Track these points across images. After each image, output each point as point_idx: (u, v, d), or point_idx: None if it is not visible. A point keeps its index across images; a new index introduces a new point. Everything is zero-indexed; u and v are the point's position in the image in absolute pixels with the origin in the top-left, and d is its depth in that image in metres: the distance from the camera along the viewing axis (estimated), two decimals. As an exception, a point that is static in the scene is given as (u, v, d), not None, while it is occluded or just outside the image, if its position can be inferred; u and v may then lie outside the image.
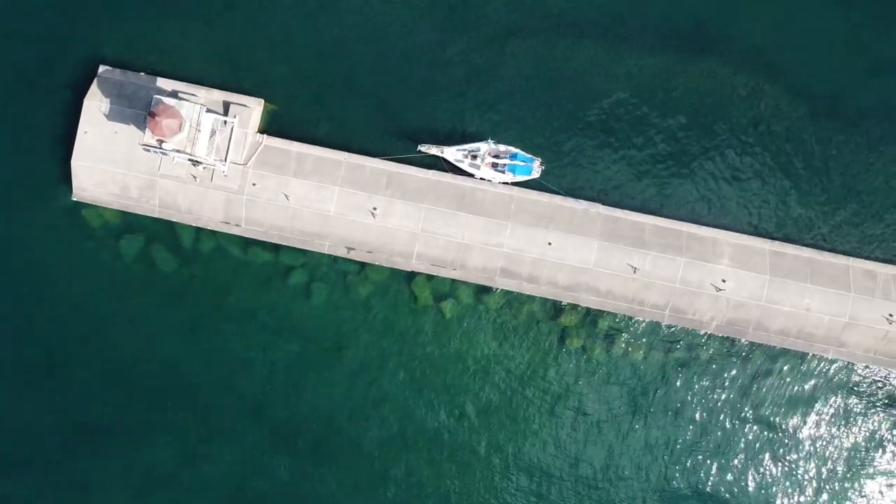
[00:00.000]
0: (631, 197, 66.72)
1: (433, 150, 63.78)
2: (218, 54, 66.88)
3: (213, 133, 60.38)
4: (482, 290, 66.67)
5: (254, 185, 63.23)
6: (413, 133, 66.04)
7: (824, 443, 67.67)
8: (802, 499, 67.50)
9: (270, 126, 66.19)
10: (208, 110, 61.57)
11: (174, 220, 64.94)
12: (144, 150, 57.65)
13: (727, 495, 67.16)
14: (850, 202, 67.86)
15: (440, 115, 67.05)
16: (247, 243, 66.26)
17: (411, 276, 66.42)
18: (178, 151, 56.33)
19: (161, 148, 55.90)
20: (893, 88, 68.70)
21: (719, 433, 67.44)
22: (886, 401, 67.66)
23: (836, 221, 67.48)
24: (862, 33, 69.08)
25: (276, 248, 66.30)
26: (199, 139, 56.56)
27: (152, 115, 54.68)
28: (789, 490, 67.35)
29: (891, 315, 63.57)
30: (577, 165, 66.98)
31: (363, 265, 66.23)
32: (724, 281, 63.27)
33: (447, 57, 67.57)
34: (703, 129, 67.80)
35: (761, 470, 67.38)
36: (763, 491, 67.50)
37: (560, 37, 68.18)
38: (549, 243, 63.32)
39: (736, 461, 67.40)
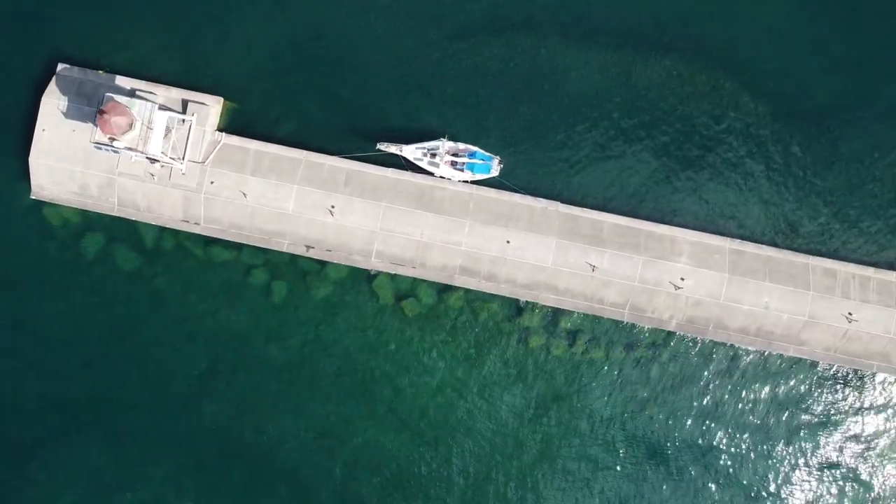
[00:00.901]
0: (590, 195, 65.74)
1: (392, 149, 62.83)
2: (179, 53, 66.04)
3: (168, 131, 59.35)
4: (444, 289, 65.73)
5: (212, 183, 62.29)
6: (373, 131, 65.16)
7: (784, 440, 66.64)
8: (764, 495, 66.39)
9: (231, 124, 65.28)
10: (163, 108, 60.58)
11: (133, 218, 64.05)
12: (95, 147, 56.66)
13: (688, 493, 66.10)
14: (810, 200, 66.88)
15: (400, 113, 66.18)
16: (208, 242, 65.37)
17: (372, 274, 65.39)
18: (130, 149, 55.34)
19: (112, 146, 54.89)
20: (854, 87, 67.73)
21: (680, 431, 66.34)
22: (847, 399, 66.60)
23: (797, 219, 66.54)
24: (823, 32, 68.08)
25: (237, 246, 65.40)
26: (151, 137, 55.51)
27: (101, 112, 53.77)
28: (749, 488, 66.30)
29: (850, 314, 62.56)
30: (536, 164, 65.96)
31: (324, 264, 65.33)
32: (682, 279, 62.29)
33: (408, 56, 66.69)
34: (663, 128, 66.85)
35: (722, 468, 66.34)
36: (726, 489, 66.44)
37: (522, 36, 67.27)
38: (508, 241, 62.37)
39: (697, 459, 66.37)
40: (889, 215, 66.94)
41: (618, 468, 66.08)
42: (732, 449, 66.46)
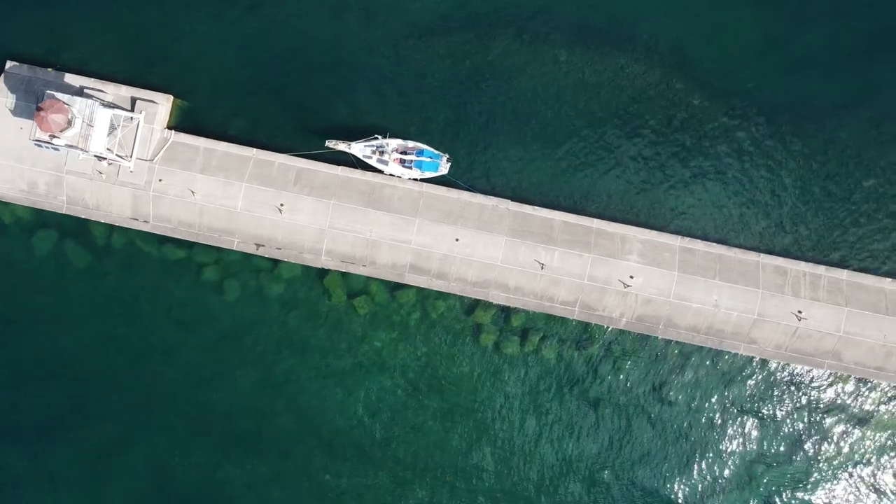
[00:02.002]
0: (542, 193, 64.68)
1: (341, 146, 61.74)
2: (130, 50, 65.03)
3: (113, 129, 58.21)
4: (397, 287, 64.65)
5: (160, 181, 61.20)
6: (325, 129, 64.17)
7: (737, 438, 65.62)
8: (714, 493, 65.34)
9: (182, 122, 64.20)
10: (109, 106, 59.45)
11: (83, 216, 62.99)
12: (36, 145, 55.51)
13: (637, 492, 65.03)
14: (762, 198, 65.86)
15: (351, 111, 65.27)
16: (160, 240, 64.32)
17: (324, 272, 64.33)
18: (70, 147, 54.16)
19: (52, 143, 53.72)
20: (805, 85, 66.66)
21: (631, 431, 65.31)
22: (799, 397, 65.52)
23: (749, 217, 65.46)
24: (775, 30, 66.98)
25: (189, 244, 64.40)
26: (93, 135, 54.33)
27: (39, 109, 52.67)
28: (701, 487, 65.23)
29: (800, 312, 61.49)
30: (487, 162, 64.97)
31: (276, 262, 64.24)
32: (631, 277, 61.20)
33: (359, 54, 65.58)
34: (616, 125, 65.77)
35: (674, 466, 65.27)
36: (675, 488, 65.38)
37: (474, 33, 66.17)
38: (457, 239, 61.27)
39: (648, 458, 65.31)
40: (841, 213, 65.89)
41: (568, 468, 64.93)
42: (684, 448, 65.36)
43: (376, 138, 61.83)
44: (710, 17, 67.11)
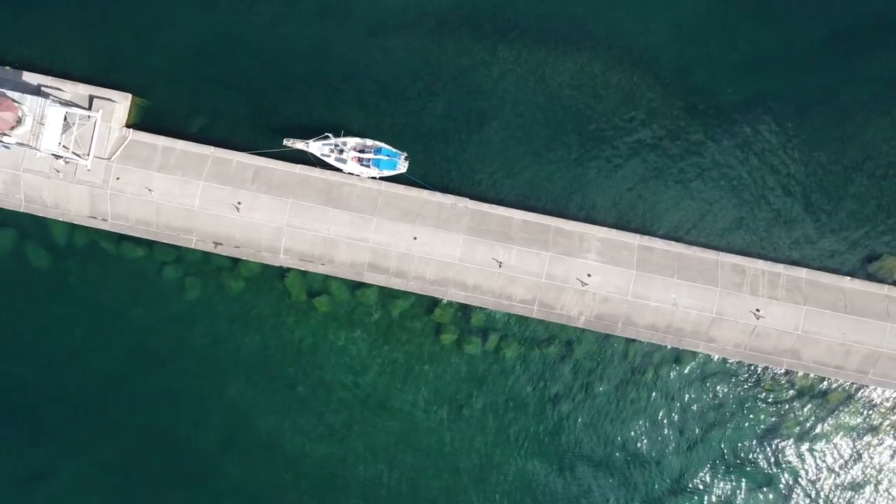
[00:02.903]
0: (501, 192, 64.00)
1: (298, 145, 61.02)
2: (90, 49, 64.55)
3: (69, 127, 57.44)
4: (357, 286, 63.90)
5: (118, 179, 60.47)
6: (285, 127, 63.57)
7: (700, 437, 64.89)
8: (675, 492, 64.55)
9: (142, 120, 63.57)
10: (66, 104, 58.73)
11: (41, 214, 62.19)
12: (-15, 143, 54.86)
13: (597, 491, 64.25)
14: (723, 196, 65.08)
15: (312, 109, 64.69)
16: (120, 238, 63.52)
17: (285, 271, 63.51)
18: (21, 145, 53.35)
19: (2, 141, 52.91)
20: (766, 83, 65.87)
21: (593, 429, 64.55)
22: (760, 395, 64.75)
23: (708, 216, 64.69)
24: (737, 29, 66.28)
25: (150, 243, 63.59)
26: (44, 133, 53.52)
27: (-14, 107, 51.85)
28: (661, 485, 64.43)
29: (758, 310, 60.67)
30: (447, 160, 64.45)
31: (237, 260, 63.43)
32: (589, 276, 60.43)
33: (319, 52, 64.90)
34: (577, 124, 65.09)
35: (635, 465, 64.50)
36: (636, 486, 64.58)
37: (436, 33, 65.56)
38: (415, 238, 60.51)
39: (610, 457, 64.57)
40: (801, 212, 65.13)
41: (528, 466, 64.11)
42: (645, 447, 64.66)
43: (328, 137, 61.02)
44: (672, 16, 66.29)
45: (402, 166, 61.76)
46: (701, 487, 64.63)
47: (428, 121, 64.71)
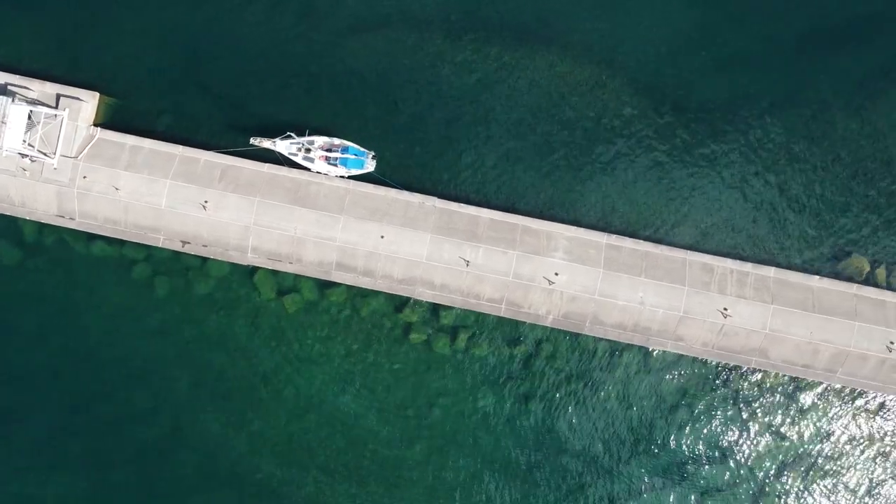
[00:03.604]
0: (470, 191, 63.57)
1: (265, 144, 60.60)
2: (58, 48, 64.05)
3: (33, 126, 57.02)
4: (326, 285, 63.45)
5: (84, 178, 60.04)
6: (254, 126, 63.10)
7: (669, 436, 64.39)
8: (645, 491, 64.09)
9: (110, 119, 63.14)
10: (29, 102, 58.30)
11: (8, 213, 61.81)
12: (-54, 141, 54.39)
13: (565, 488, 63.79)
14: (693, 196, 64.58)
15: (282, 107, 64.30)
16: (90, 237, 63.04)
17: (254, 270, 63.05)
18: (-17, 143, 53.02)
19: (-38, 140, 52.62)
20: (738, 83, 65.47)
21: (562, 428, 64.10)
22: (730, 395, 64.27)
23: (678, 215, 64.21)
24: (706, 27, 65.76)
25: (120, 242, 63.12)
26: (6, 132, 53.08)
27: (-54, 106, 51.39)
28: (631, 484, 63.96)
29: (725, 309, 60.19)
30: (415, 160, 64.07)
31: (206, 259, 62.99)
32: (556, 274, 59.95)
33: (289, 50, 64.51)
34: (545, 123, 64.67)
35: (604, 464, 64.03)
36: (604, 485, 64.12)
37: (405, 31, 65.06)
38: (382, 237, 60.04)
39: (578, 456, 64.09)
40: (771, 211, 64.77)
41: (497, 465, 63.65)
42: (614, 446, 64.20)
43: (290, 136, 60.61)
44: (642, 14, 65.82)
45: (370, 165, 61.35)
46: (670, 486, 64.16)
47: (397, 120, 64.34)
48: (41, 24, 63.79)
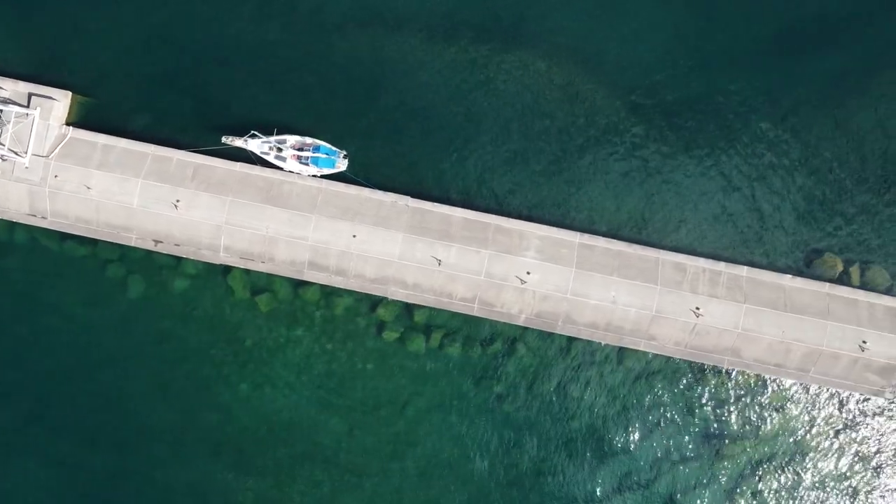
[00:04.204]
0: (443, 190, 63.27)
1: (237, 142, 60.32)
2: (30, 46, 63.64)
3: (3, 124, 56.67)
4: (300, 284, 63.13)
5: (56, 177, 59.68)
6: (228, 125, 62.95)
7: (642, 435, 64.05)
8: (619, 491, 63.77)
9: (83, 118, 62.81)
10: (0, 101, 57.86)
11: (-21, 212, 61.26)
12: (-86, 140, 54.03)
13: (539, 490, 63.45)
14: (667, 195, 64.36)
15: (255, 106, 64.00)
16: (63, 236, 62.65)
17: (228, 269, 62.67)
18: (-50, 142, 52.67)
19: (-70, 138, 52.25)
20: (711, 82, 65.21)
21: (536, 426, 63.73)
22: (704, 393, 63.98)
23: (652, 214, 63.93)
24: (679, 26, 65.49)
25: (93, 241, 62.75)
26: (-26, 130, 52.93)
27: (-88, 104, 50.99)
28: (604, 485, 63.64)
29: (697, 308, 59.90)
30: (389, 159, 63.85)
31: (179, 259, 62.55)
32: (528, 273, 59.64)
33: (263, 49, 64.26)
34: (521, 122, 64.50)
35: (577, 463, 63.67)
36: (580, 486, 63.76)
37: (378, 30, 64.67)
38: (354, 236, 59.71)
39: (552, 456, 63.73)
40: (744, 211, 64.58)
41: (471, 465, 63.30)
42: (588, 445, 63.90)
43: (256, 135, 60.30)
44: (620, 15, 65.62)
45: (342, 164, 61.09)
46: (643, 486, 63.84)
47: (372, 119, 64.16)
48: (13, 23, 63.38)
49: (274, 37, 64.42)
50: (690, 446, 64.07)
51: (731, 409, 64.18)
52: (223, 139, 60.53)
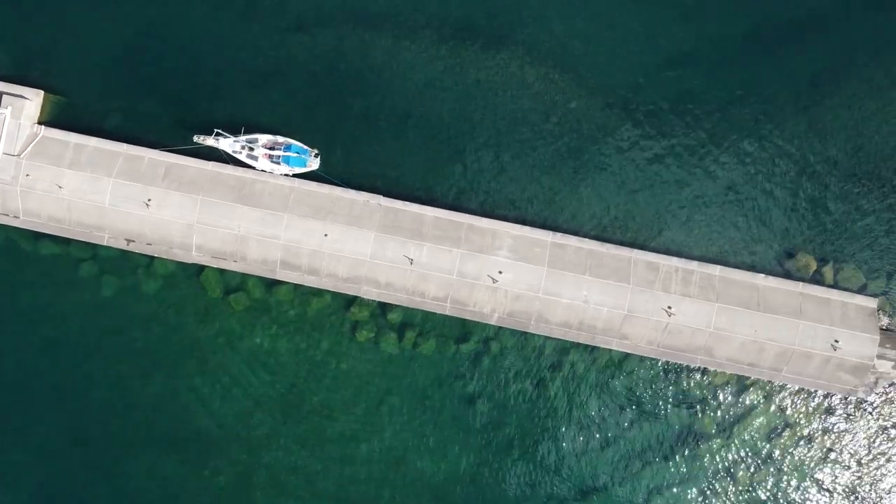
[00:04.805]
0: (418, 189, 63.05)
1: (209, 142, 60.11)
2: (3, 45, 63.11)
3: (-28, 123, 56.53)
4: (273, 283, 62.84)
5: (27, 176, 59.47)
6: (202, 124, 62.80)
7: (616, 434, 63.87)
8: (592, 489, 63.51)
9: (56, 118, 62.70)
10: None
11: (-48, 211, 61.00)
12: None
13: (512, 488, 63.19)
14: (642, 194, 64.14)
15: (230, 106, 63.99)
16: (36, 236, 62.37)
17: (201, 268, 62.42)
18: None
19: None
20: (686, 81, 64.91)
21: (509, 426, 63.52)
22: (678, 392, 63.72)
23: (625, 214, 63.76)
24: (658, 26, 65.17)
25: (67, 240, 62.53)
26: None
27: None
28: (577, 483, 63.38)
29: (669, 307, 59.63)
30: (363, 158, 63.69)
31: (153, 258, 62.31)
32: (500, 273, 59.37)
33: (237, 48, 64.14)
34: (495, 122, 64.27)
35: (551, 462, 63.46)
36: (552, 484, 63.52)
37: (352, 29, 64.50)
38: (326, 235, 59.43)
39: (525, 455, 63.49)
40: (719, 210, 64.41)
41: (444, 464, 63.08)
42: (562, 444, 63.72)
43: (221, 134, 60.07)
44: (591, 13, 65.35)
45: (313, 163, 60.86)
46: (618, 484, 63.60)
47: (344, 118, 63.91)
48: (-13, 22, 63.21)
49: (248, 37, 64.23)
50: (664, 445, 63.82)
51: (706, 408, 63.94)
52: (194, 138, 60.32)
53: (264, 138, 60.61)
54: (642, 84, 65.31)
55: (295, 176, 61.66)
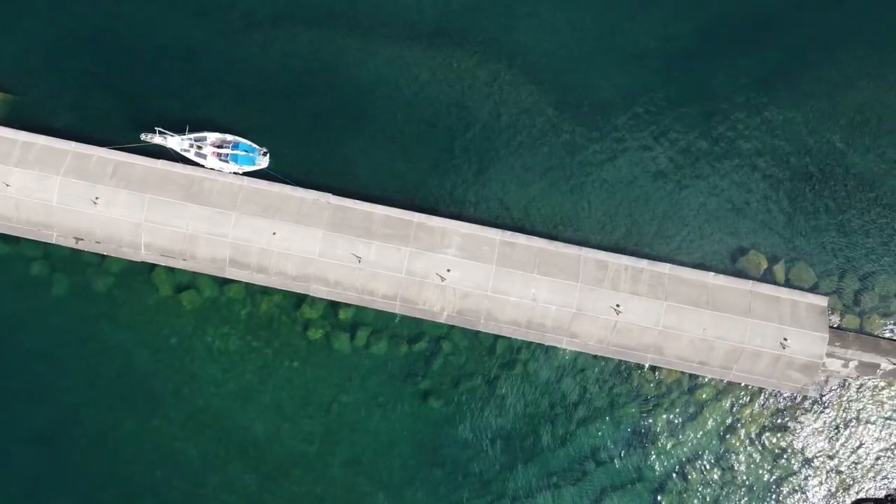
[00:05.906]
0: (369, 187, 62.83)
1: (156, 140, 59.91)
2: (-46, 44, 62.73)
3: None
4: (225, 282, 62.50)
5: (-26, 174, 58.93)
6: (155, 122, 62.43)
7: (568, 433, 63.51)
8: (544, 489, 63.27)
9: (5, 115, 62.51)
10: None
11: None
12: None
13: (466, 488, 62.94)
14: (594, 193, 63.93)
15: (183, 104, 63.99)
16: (-13, 234, 61.97)
17: (152, 267, 62.09)
18: None
19: None
20: (640, 79, 64.78)
21: (462, 425, 63.16)
22: (630, 391, 63.54)
23: (578, 212, 63.62)
24: (612, 24, 65.02)
25: (16, 239, 62.16)
26: None
27: None
28: (529, 483, 63.12)
29: (618, 305, 59.46)
30: (315, 156, 63.68)
31: (104, 256, 61.98)
32: (448, 271, 59.16)
33: (191, 47, 63.93)
34: (445, 119, 64.09)
35: (504, 462, 63.17)
36: (506, 484, 63.25)
37: (306, 27, 64.29)
38: (274, 233, 59.15)
39: (477, 455, 63.20)
40: (670, 208, 64.25)
41: (396, 464, 62.76)
42: (514, 443, 63.37)
43: (164, 132, 59.84)
44: (543, 12, 65.20)
45: (262, 162, 60.62)
46: (570, 483, 63.34)
47: (294, 116, 63.73)
48: (-64, 20, 62.88)
49: (199, 35, 64.11)
50: (616, 445, 63.58)
51: (657, 407, 63.76)
52: (142, 136, 60.13)
53: (213, 136, 60.39)
54: (593, 82, 65.21)
55: (245, 174, 61.32)
